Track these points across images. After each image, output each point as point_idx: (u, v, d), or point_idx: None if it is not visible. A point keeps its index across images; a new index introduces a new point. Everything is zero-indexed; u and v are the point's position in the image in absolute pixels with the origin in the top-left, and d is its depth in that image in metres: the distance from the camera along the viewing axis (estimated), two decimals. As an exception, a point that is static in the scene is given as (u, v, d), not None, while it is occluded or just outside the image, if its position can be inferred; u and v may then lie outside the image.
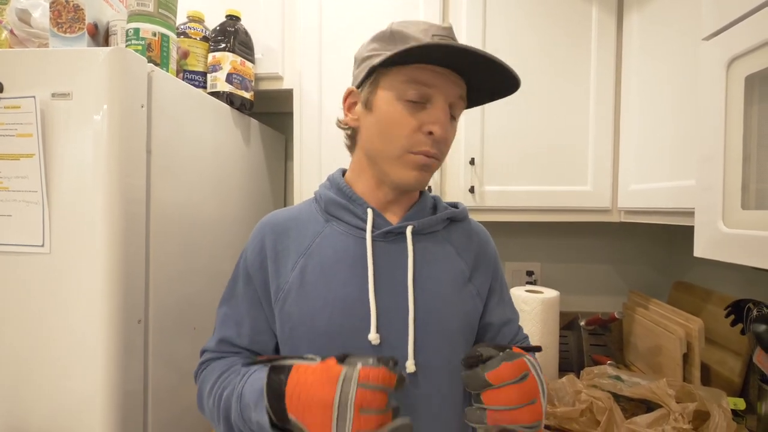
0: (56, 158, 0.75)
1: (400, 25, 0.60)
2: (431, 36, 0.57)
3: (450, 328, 0.63)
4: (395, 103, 0.58)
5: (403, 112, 0.58)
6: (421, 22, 0.60)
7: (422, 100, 0.58)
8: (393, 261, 0.62)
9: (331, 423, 0.45)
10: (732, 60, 0.60)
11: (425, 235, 0.65)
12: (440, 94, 0.58)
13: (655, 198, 0.97)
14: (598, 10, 1.15)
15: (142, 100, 0.81)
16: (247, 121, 1.29)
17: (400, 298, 0.60)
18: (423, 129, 0.58)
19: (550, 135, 1.17)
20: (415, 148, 0.59)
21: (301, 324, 0.61)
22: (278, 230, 0.65)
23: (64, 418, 0.75)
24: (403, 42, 0.57)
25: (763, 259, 0.55)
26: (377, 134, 0.61)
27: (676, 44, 0.92)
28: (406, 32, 0.58)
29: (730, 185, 0.61)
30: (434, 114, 0.58)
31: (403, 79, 0.58)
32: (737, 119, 0.60)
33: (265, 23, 1.28)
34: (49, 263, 0.75)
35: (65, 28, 0.87)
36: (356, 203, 0.64)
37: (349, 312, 0.59)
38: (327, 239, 0.63)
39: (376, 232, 0.62)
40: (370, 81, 0.61)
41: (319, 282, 0.61)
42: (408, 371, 0.59)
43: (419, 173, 0.60)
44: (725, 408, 0.83)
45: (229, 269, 1.06)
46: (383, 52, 0.59)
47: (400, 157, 0.59)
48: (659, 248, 1.48)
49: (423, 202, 0.68)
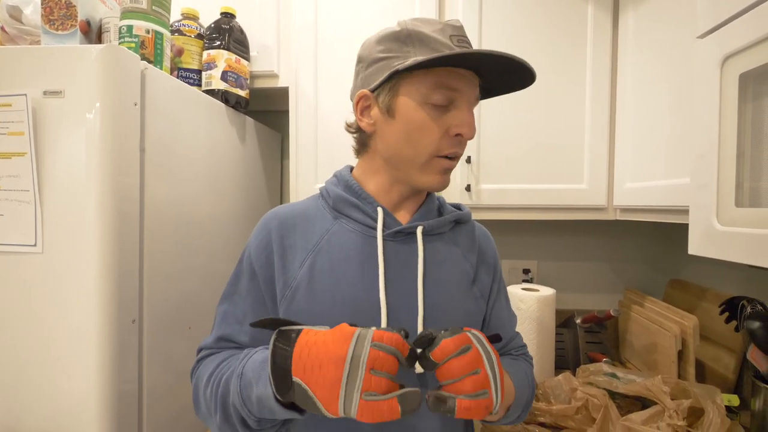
0: (48, 157, 0.75)
1: (415, 25, 0.58)
2: (449, 36, 0.57)
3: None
4: (420, 108, 0.58)
5: (430, 117, 0.58)
6: (433, 21, 0.59)
7: (447, 103, 0.58)
8: (403, 261, 0.62)
9: (341, 380, 0.44)
10: (726, 58, 0.60)
11: (433, 236, 0.65)
12: (464, 96, 0.59)
13: (651, 196, 0.97)
14: (594, 8, 1.15)
15: (135, 98, 0.80)
16: (242, 119, 1.29)
17: (410, 298, 0.60)
18: (450, 132, 0.58)
19: (546, 133, 1.17)
20: (443, 151, 0.59)
21: (310, 321, 0.59)
22: (285, 225, 0.64)
23: (59, 418, 0.74)
24: (423, 44, 0.57)
25: (756, 256, 0.55)
26: (404, 141, 0.60)
27: (671, 42, 0.92)
28: (424, 32, 0.57)
29: (724, 183, 0.61)
30: (460, 116, 0.58)
31: (430, 84, 0.57)
32: (731, 117, 0.60)
33: (260, 21, 1.27)
34: (42, 263, 0.75)
35: (57, 25, 0.86)
36: (366, 201, 0.64)
37: (359, 311, 0.59)
38: (336, 236, 0.63)
39: (387, 231, 0.62)
40: (390, 85, 0.59)
41: (328, 280, 0.60)
42: (417, 371, 0.58)
43: (443, 177, 0.62)
44: (719, 404, 0.84)
45: (225, 268, 1.05)
46: (400, 54, 0.58)
47: (427, 163, 0.60)
48: (655, 246, 1.49)
49: (430, 203, 0.68)
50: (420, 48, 0.56)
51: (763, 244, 0.54)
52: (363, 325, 0.58)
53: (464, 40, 0.58)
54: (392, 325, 0.58)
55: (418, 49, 0.56)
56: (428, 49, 0.56)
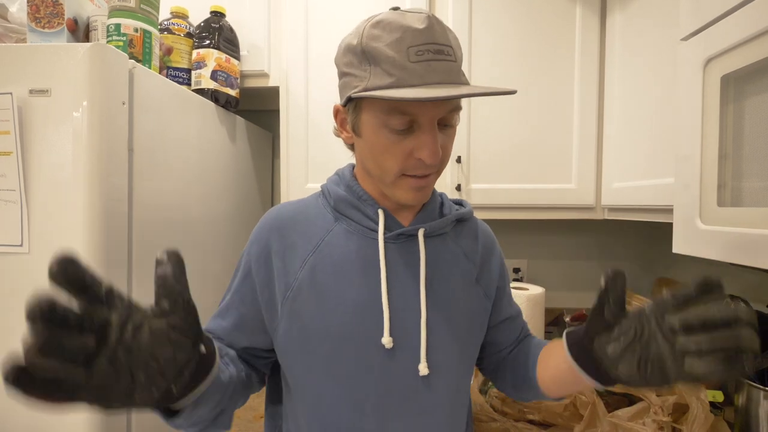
0: (35, 156, 0.74)
1: (371, 37, 0.52)
2: (406, 49, 0.50)
3: (460, 330, 0.63)
4: (380, 131, 0.55)
5: (391, 140, 0.54)
6: (394, 25, 0.51)
7: (406, 127, 0.53)
8: (404, 263, 0.61)
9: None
10: (708, 60, 0.61)
11: (435, 237, 0.64)
12: (427, 118, 0.53)
13: (637, 195, 0.99)
14: (582, 10, 1.16)
15: (123, 97, 0.79)
16: (232, 118, 1.28)
17: (412, 301, 0.60)
18: (413, 155, 0.55)
19: (536, 134, 1.18)
20: (408, 172, 0.56)
21: (312, 324, 0.59)
22: (285, 225, 0.63)
23: (46, 419, 0.74)
24: (377, 64, 0.51)
25: (737, 255, 0.56)
26: (371, 159, 0.58)
27: (657, 44, 0.94)
28: (378, 49, 0.51)
29: (707, 183, 0.62)
30: (422, 139, 0.54)
31: (385, 109, 0.53)
32: (714, 119, 0.61)
33: (250, 20, 1.27)
34: (28, 263, 0.74)
35: (44, 24, 0.85)
36: (367, 203, 0.63)
37: (362, 314, 0.58)
38: (337, 237, 0.62)
39: (388, 234, 0.61)
40: (353, 105, 0.57)
41: (330, 282, 0.59)
42: (421, 374, 0.58)
43: (416, 194, 0.59)
44: (703, 400, 0.85)
45: (216, 268, 1.05)
46: (358, 73, 0.54)
47: (395, 181, 0.58)
48: (642, 245, 1.51)
49: (432, 203, 0.66)
50: (374, 68, 0.52)
51: (743, 242, 0.55)
52: (366, 328, 0.58)
53: (424, 50, 0.50)
54: (395, 327, 0.58)
55: (374, 68, 0.52)
56: (381, 71, 0.51)
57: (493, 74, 1.18)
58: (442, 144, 0.56)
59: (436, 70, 0.51)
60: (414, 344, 0.59)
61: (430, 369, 0.59)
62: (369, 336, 0.58)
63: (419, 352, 0.59)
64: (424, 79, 0.50)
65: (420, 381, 0.59)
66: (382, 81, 0.51)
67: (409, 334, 0.59)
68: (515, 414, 0.96)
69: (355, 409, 0.58)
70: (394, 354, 0.58)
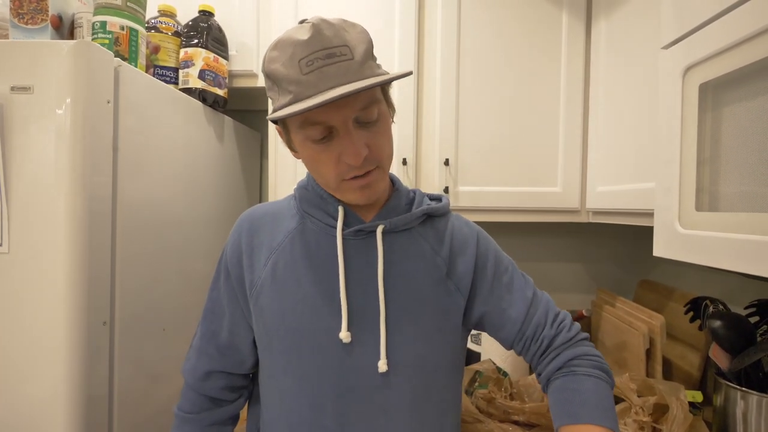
0: (16, 154, 0.72)
1: (271, 60, 0.54)
2: (297, 63, 0.51)
3: (425, 326, 0.62)
4: (306, 144, 0.57)
5: (317, 150, 0.56)
6: (287, 42, 0.52)
7: (325, 134, 0.55)
8: (364, 259, 0.62)
9: None
10: (687, 68, 0.63)
11: (399, 233, 0.64)
12: (339, 121, 0.54)
13: (620, 199, 1.01)
14: (568, 16, 1.18)
15: (108, 95, 0.78)
16: (220, 118, 1.27)
17: (372, 297, 0.60)
18: (342, 159, 0.56)
19: (522, 137, 1.20)
20: (345, 176, 0.57)
21: (273, 320, 0.61)
22: (254, 225, 0.66)
23: (25, 423, 0.72)
24: (278, 85, 0.54)
25: (715, 259, 0.58)
26: (312, 171, 0.62)
27: (640, 51, 0.96)
28: (275, 71, 0.53)
29: (686, 188, 0.64)
30: (342, 144, 0.55)
31: (298, 123, 0.55)
32: (692, 126, 0.62)
33: (239, 19, 1.26)
34: (8, 263, 0.73)
35: (27, 19, 0.84)
36: (328, 201, 0.64)
37: (320, 310, 0.60)
38: (300, 236, 0.64)
39: (347, 230, 0.62)
40: (282, 126, 0.60)
41: (290, 279, 0.61)
42: (380, 371, 0.59)
43: (363, 192, 0.59)
44: (683, 401, 0.87)
45: (201, 268, 1.04)
46: (272, 95, 0.57)
47: (338, 187, 0.59)
48: (626, 248, 1.54)
49: (396, 199, 0.66)
50: (279, 89, 0.54)
51: (721, 247, 0.57)
52: (325, 323, 0.59)
53: (313, 59, 0.51)
54: (355, 323, 0.59)
55: (279, 89, 0.54)
56: (283, 90, 0.53)
57: (481, 79, 1.20)
58: (369, 141, 0.56)
59: (328, 75, 0.51)
60: (374, 340, 0.59)
61: (389, 366, 0.59)
62: (328, 331, 0.59)
63: (379, 349, 0.59)
64: (318, 88, 0.51)
65: (380, 379, 0.59)
66: (285, 99, 0.53)
67: (369, 330, 0.59)
68: (500, 415, 0.97)
69: (316, 407, 0.60)
70: (353, 350, 0.59)
